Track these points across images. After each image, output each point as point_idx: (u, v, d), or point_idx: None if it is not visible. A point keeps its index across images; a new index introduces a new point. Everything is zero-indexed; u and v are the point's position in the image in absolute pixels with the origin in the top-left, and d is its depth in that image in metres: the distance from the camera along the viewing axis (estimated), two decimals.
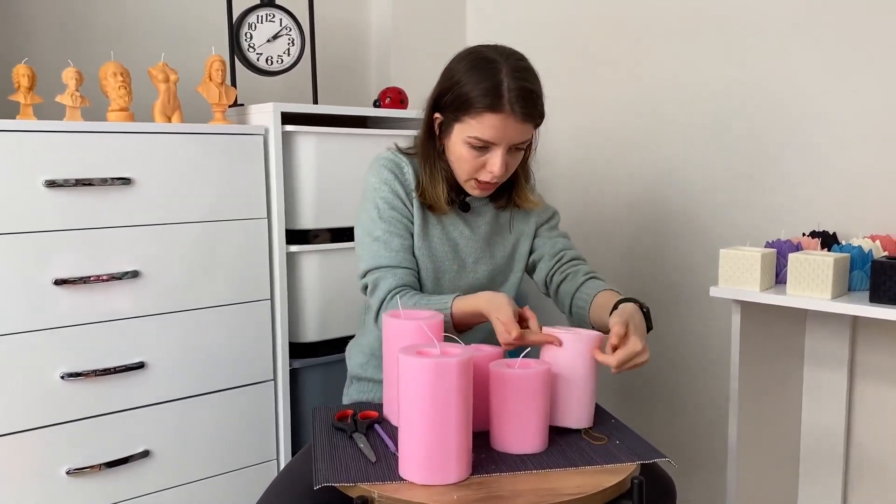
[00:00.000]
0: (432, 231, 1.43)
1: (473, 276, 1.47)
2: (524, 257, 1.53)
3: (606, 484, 1.04)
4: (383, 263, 1.38)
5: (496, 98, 1.28)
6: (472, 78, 1.30)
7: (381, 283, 1.37)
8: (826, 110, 1.76)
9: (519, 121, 1.29)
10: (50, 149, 1.48)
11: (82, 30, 1.93)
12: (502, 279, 1.52)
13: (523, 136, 1.33)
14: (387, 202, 1.40)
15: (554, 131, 2.28)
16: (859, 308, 1.41)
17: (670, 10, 2.02)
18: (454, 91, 1.32)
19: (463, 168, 1.37)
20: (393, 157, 1.44)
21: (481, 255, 1.48)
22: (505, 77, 1.28)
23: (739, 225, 1.92)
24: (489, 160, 1.33)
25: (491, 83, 1.28)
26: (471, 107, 1.29)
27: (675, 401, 2.11)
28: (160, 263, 1.62)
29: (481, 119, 1.29)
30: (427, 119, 1.41)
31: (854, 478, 1.79)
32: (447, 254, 1.44)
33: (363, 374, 1.52)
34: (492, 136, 1.30)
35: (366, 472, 1.07)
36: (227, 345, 1.73)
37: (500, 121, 1.29)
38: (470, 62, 1.33)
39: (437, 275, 1.44)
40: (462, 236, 1.46)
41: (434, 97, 1.39)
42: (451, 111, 1.34)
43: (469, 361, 1.04)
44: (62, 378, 1.51)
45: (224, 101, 1.79)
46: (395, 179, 1.41)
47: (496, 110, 1.28)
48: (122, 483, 1.60)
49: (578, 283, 1.46)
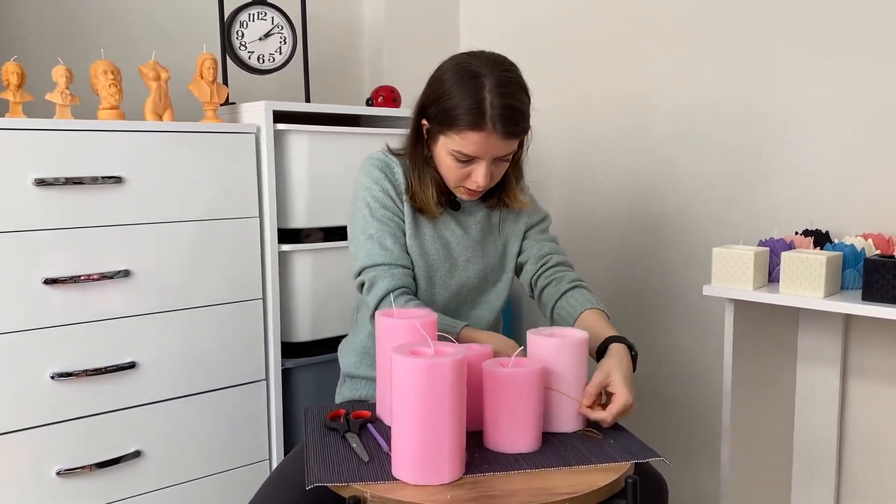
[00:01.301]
0: (424, 230, 1.43)
1: (465, 274, 1.47)
2: (514, 258, 1.53)
3: (600, 483, 1.04)
4: (379, 261, 1.38)
5: (479, 116, 1.27)
6: (457, 92, 1.30)
7: (379, 282, 1.37)
8: (817, 109, 1.76)
9: (501, 138, 1.30)
10: (40, 147, 1.47)
11: (72, 27, 1.91)
12: (494, 279, 1.52)
13: (506, 150, 1.34)
14: (378, 201, 1.41)
15: (547, 132, 2.28)
16: (852, 306, 1.42)
17: (662, 10, 2.02)
18: (439, 104, 1.33)
19: (449, 176, 1.38)
20: (383, 157, 1.45)
21: (473, 255, 1.48)
22: (488, 93, 1.28)
23: (732, 224, 1.92)
24: (474, 171, 1.34)
25: (473, 100, 1.28)
26: (454, 123, 1.30)
27: (669, 399, 2.11)
28: (151, 263, 1.61)
29: (464, 136, 1.30)
30: (415, 124, 1.41)
31: (847, 475, 1.80)
32: (439, 252, 1.44)
33: (356, 373, 1.51)
34: (474, 152, 1.31)
35: (358, 471, 1.07)
36: (219, 344, 1.72)
37: (482, 138, 1.29)
38: (455, 74, 1.32)
39: (428, 273, 1.44)
40: (454, 235, 1.46)
41: (420, 105, 1.39)
42: (437, 123, 1.34)
43: (463, 361, 1.04)
44: (52, 378, 1.50)
45: (216, 99, 1.78)
46: (386, 179, 1.41)
47: (478, 129, 1.28)
48: (113, 484, 1.59)
49: (562, 290, 1.46)
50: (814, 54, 1.76)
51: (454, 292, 1.47)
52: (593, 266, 2.23)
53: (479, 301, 1.51)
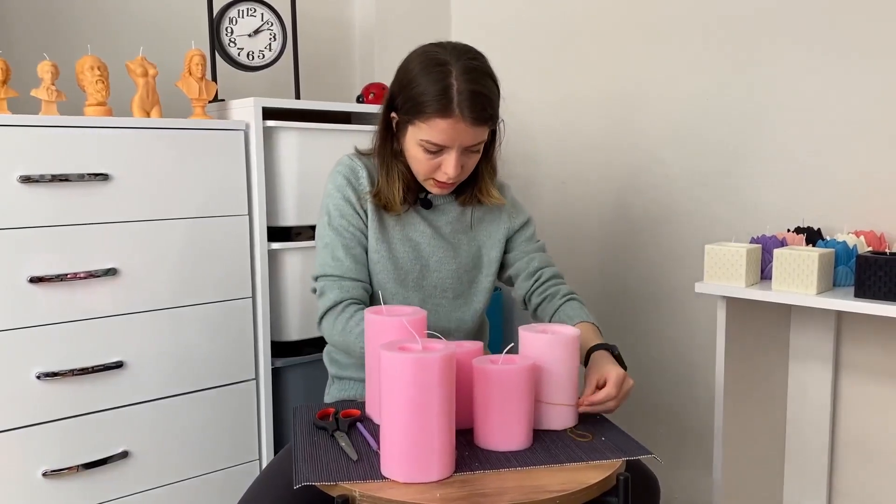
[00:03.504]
0: (391, 233, 1.42)
1: (438, 275, 1.46)
2: (494, 263, 1.51)
3: (591, 481, 1.03)
4: (329, 272, 1.40)
5: (445, 102, 1.27)
6: (423, 80, 1.30)
7: (327, 293, 1.39)
8: (808, 106, 1.76)
9: (469, 125, 1.29)
10: (25, 144, 1.45)
11: (59, 22, 1.90)
12: (469, 280, 1.49)
13: (475, 138, 1.33)
14: (338, 209, 1.41)
15: (534, 130, 2.27)
16: (844, 303, 1.41)
17: (654, 8, 2.02)
18: (406, 93, 1.33)
19: (419, 169, 1.37)
20: (349, 162, 1.44)
21: (445, 255, 1.46)
22: (455, 80, 1.28)
23: (724, 221, 1.92)
24: (443, 162, 1.34)
25: (440, 87, 1.28)
26: (421, 111, 1.30)
27: (660, 397, 2.11)
28: (139, 261, 1.60)
29: (431, 124, 1.29)
30: (384, 118, 1.40)
31: (839, 472, 1.80)
32: (408, 254, 1.43)
33: (344, 374, 1.50)
34: (442, 140, 1.30)
35: (347, 470, 1.05)
36: (208, 344, 1.71)
37: (449, 125, 1.29)
38: (421, 63, 1.32)
39: (399, 275, 1.42)
40: (423, 235, 1.44)
41: (389, 97, 1.39)
42: (404, 113, 1.34)
43: (452, 357, 1.03)
44: (38, 378, 1.48)
45: (204, 96, 1.77)
46: (348, 186, 1.41)
47: (445, 115, 1.28)
48: (100, 484, 1.57)
49: (556, 306, 1.47)
50: (806, 52, 1.75)
51: (428, 294, 1.45)
52: (584, 264, 2.22)
53: (457, 303, 1.48)
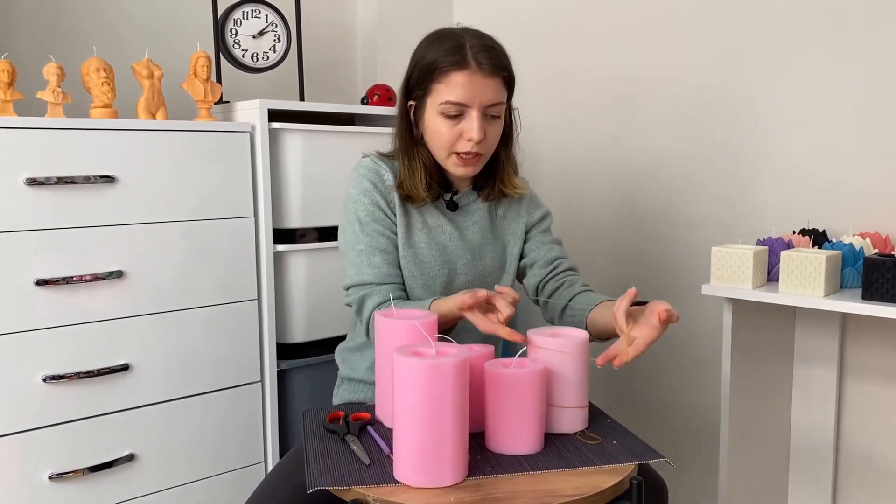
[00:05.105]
0: (417, 237, 1.41)
1: (465, 278, 1.45)
2: (515, 260, 1.51)
3: (605, 485, 1.03)
4: (367, 280, 1.37)
5: (461, 55, 1.31)
6: (435, 47, 1.35)
7: (367, 301, 1.37)
8: (814, 108, 1.76)
9: (486, 75, 1.32)
10: (31, 146, 1.44)
11: (64, 24, 1.89)
12: (494, 283, 1.49)
13: (494, 95, 1.34)
14: (369, 214, 1.39)
15: (541, 129, 2.27)
16: (852, 305, 1.41)
17: (659, 8, 2.02)
18: (419, 66, 1.36)
19: (442, 142, 1.36)
20: (372, 164, 1.42)
21: (471, 258, 1.45)
22: (467, 39, 1.33)
23: (730, 223, 1.92)
24: (466, 127, 1.34)
25: (453, 45, 1.33)
26: (437, 70, 1.33)
27: (667, 399, 2.11)
28: (145, 263, 1.59)
29: (449, 80, 1.32)
30: (401, 110, 1.42)
31: (844, 475, 1.80)
32: (435, 259, 1.42)
33: (355, 376, 1.49)
34: (462, 97, 1.32)
35: (360, 474, 1.05)
36: (214, 346, 1.70)
37: (467, 77, 1.31)
38: (431, 38, 1.38)
39: (426, 280, 1.41)
40: (450, 238, 1.44)
41: (403, 86, 1.42)
42: (421, 86, 1.36)
43: (465, 362, 1.02)
44: (44, 381, 1.48)
45: (209, 97, 1.76)
46: (375, 189, 1.40)
47: (462, 67, 1.31)
48: (106, 488, 1.57)
49: (574, 293, 1.44)
50: (812, 52, 1.76)
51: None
52: (590, 266, 2.22)
53: None
